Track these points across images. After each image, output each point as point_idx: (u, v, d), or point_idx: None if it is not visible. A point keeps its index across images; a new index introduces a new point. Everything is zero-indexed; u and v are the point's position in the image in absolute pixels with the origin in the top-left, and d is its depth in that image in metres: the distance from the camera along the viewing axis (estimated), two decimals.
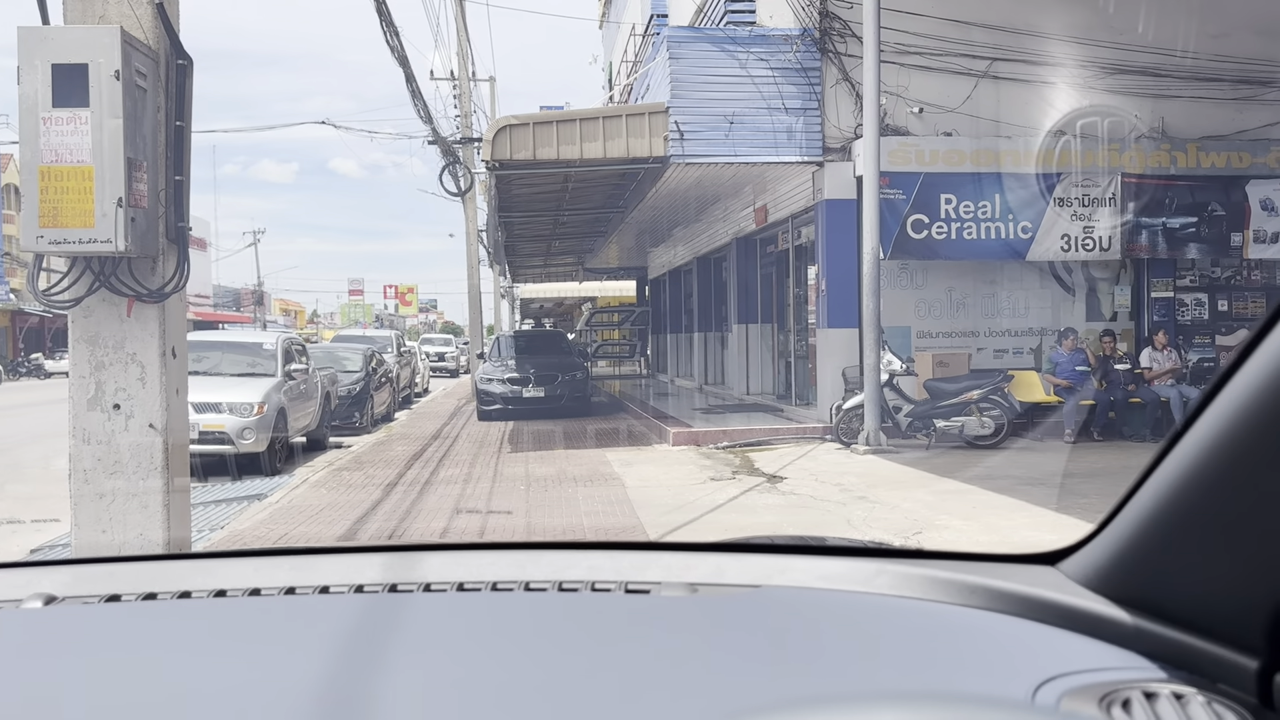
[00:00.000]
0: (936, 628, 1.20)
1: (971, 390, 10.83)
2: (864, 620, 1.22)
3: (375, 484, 9.54)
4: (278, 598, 1.30)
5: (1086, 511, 7.00)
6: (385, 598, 1.29)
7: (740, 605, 1.26)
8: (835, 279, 12.07)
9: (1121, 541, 1.08)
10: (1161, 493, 1.00)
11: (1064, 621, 1.14)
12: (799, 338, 14.55)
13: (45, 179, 4.14)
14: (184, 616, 1.26)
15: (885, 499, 7.94)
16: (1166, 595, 1.04)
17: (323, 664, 1.08)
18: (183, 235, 4.57)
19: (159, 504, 4.25)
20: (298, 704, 0.98)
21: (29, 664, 1.11)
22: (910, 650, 1.13)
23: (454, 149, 21.01)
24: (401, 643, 1.14)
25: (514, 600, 1.28)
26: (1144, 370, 11.71)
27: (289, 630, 1.21)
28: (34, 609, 1.27)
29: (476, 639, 1.16)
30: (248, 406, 10.67)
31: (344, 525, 7.58)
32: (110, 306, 4.34)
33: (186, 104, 4.61)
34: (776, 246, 15.44)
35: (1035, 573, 1.26)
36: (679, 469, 10.01)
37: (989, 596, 1.24)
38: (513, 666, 1.07)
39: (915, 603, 1.27)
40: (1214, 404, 0.92)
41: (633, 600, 1.27)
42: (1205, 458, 0.93)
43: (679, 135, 11.72)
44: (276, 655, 1.12)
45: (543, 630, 1.19)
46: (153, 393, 4.30)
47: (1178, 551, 1.00)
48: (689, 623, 1.20)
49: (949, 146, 11.91)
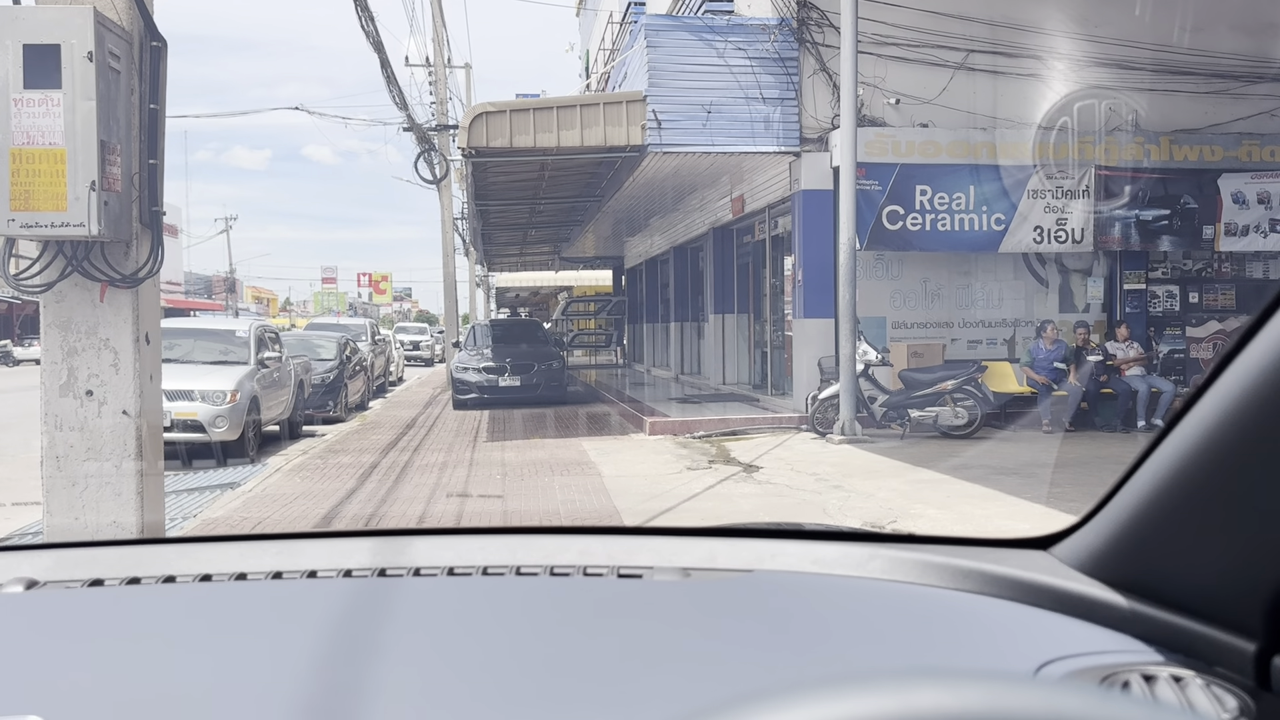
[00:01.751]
0: (931, 612, 1.20)
1: (946, 381, 10.91)
2: (858, 604, 1.22)
3: (350, 472, 9.49)
4: (264, 582, 1.29)
5: (1060, 501, 7.07)
6: (374, 582, 1.28)
7: (733, 590, 1.26)
8: (811, 269, 12.10)
9: (1117, 525, 1.08)
10: (1159, 476, 1.00)
11: (1059, 605, 1.14)
12: (775, 328, 14.59)
13: (16, 161, 4.08)
14: (168, 600, 1.25)
15: (860, 488, 7.99)
16: (1162, 579, 1.04)
17: (312, 647, 1.07)
18: (156, 220, 4.52)
19: (133, 490, 4.21)
20: (287, 687, 0.98)
21: (10, 647, 1.10)
22: (905, 634, 1.13)
23: (429, 136, 20.89)
24: (392, 626, 1.13)
25: (505, 585, 1.27)
26: (1113, 359, 11.83)
27: (276, 614, 1.20)
28: (14, 593, 1.25)
29: (468, 623, 1.16)
30: (221, 394, 10.58)
31: (319, 513, 7.54)
32: (83, 292, 4.29)
33: (161, 87, 4.55)
34: (753, 236, 15.46)
35: (1029, 557, 1.26)
36: (655, 458, 10.02)
37: (983, 581, 1.24)
38: (505, 650, 1.07)
39: (909, 587, 1.27)
40: (1213, 388, 0.91)
41: (625, 584, 1.27)
42: (1204, 441, 0.92)
43: (656, 124, 11.70)
44: (264, 639, 1.11)
45: (535, 614, 1.18)
46: (126, 379, 4.25)
47: (1174, 535, 1.00)
48: (682, 607, 1.20)
49: (925, 138, 11.95)
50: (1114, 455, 9.32)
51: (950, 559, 1.29)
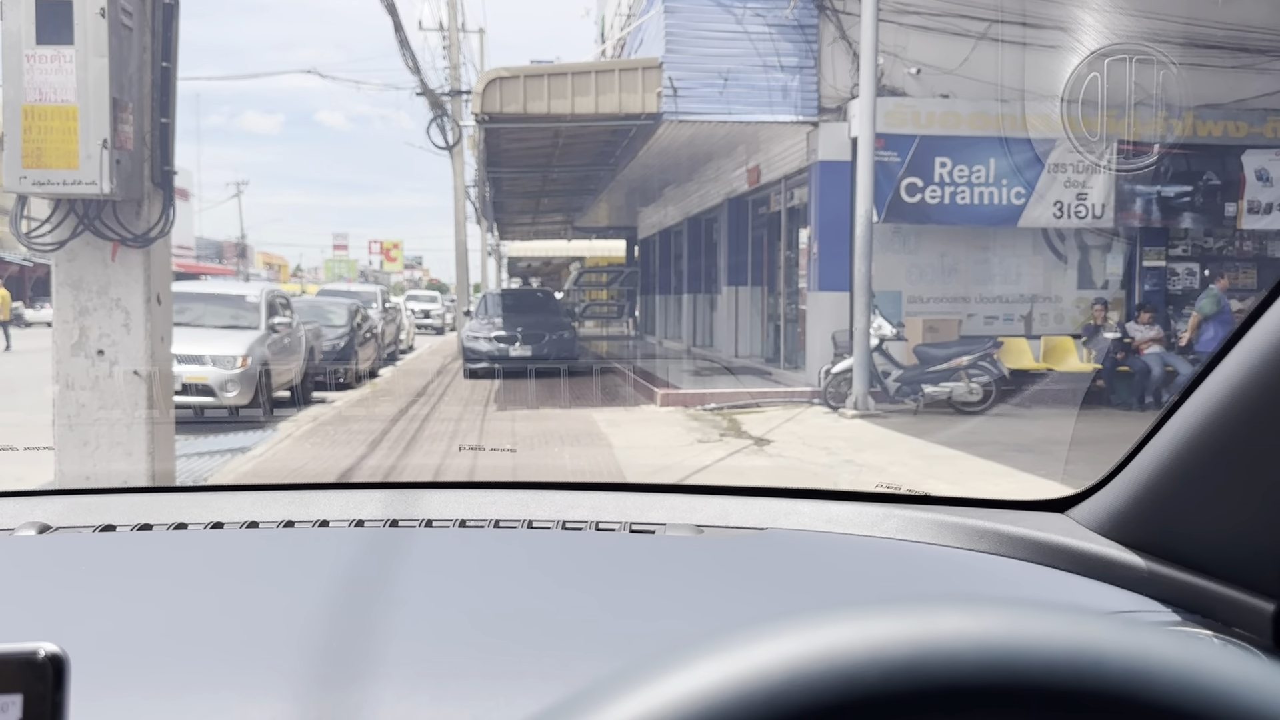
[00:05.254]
0: (947, 571, 1.19)
1: (961, 356, 10.82)
2: (872, 563, 1.22)
3: (360, 439, 9.48)
4: (276, 530, 1.29)
5: (1074, 479, 6.99)
6: (386, 532, 1.28)
7: (746, 546, 1.26)
8: (827, 242, 12.00)
9: (1136, 487, 1.09)
10: (1179, 438, 0.99)
11: (1076, 566, 1.14)
12: (789, 301, 14.50)
13: (29, 118, 4.03)
14: (180, 547, 1.25)
15: (872, 462, 7.94)
16: (1181, 540, 1.04)
17: (323, 594, 1.07)
18: (168, 179, 4.47)
19: (143, 451, 4.19)
20: (300, 630, 0.97)
21: (25, 587, 1.10)
22: (921, 593, 1.11)
23: (442, 102, 20.74)
24: (403, 576, 1.13)
25: (517, 537, 1.27)
26: (1130, 340, 11.74)
27: (288, 561, 1.20)
28: (28, 536, 1.26)
29: (480, 573, 1.16)
30: (231, 359, 10.57)
31: (329, 479, 7.53)
32: (94, 251, 4.26)
33: (173, 45, 4.50)
34: (768, 208, 15.34)
35: (1045, 519, 1.26)
36: (666, 430, 9.99)
37: (999, 541, 1.23)
38: (517, 600, 1.06)
39: (924, 547, 1.26)
40: (1235, 350, 0.91)
41: (638, 540, 1.27)
42: (1225, 403, 0.92)
43: (673, 91, 11.56)
44: (276, 585, 1.11)
45: (547, 567, 1.18)
46: (137, 339, 4.22)
47: (1193, 496, 1.01)
48: (695, 562, 1.20)
49: (945, 109, 11.80)
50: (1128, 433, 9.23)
51: (966, 519, 1.29)
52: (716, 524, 1.33)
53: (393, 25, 17.03)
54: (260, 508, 1.38)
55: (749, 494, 1.47)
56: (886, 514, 1.33)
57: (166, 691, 0.84)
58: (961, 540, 1.26)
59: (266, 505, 1.40)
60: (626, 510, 1.37)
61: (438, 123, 20.31)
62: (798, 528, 1.33)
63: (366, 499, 1.43)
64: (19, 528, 1.28)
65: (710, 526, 1.32)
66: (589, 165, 17.07)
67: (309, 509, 1.36)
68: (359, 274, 77.66)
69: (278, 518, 1.32)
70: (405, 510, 1.36)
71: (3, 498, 1.46)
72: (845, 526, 1.32)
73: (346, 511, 1.35)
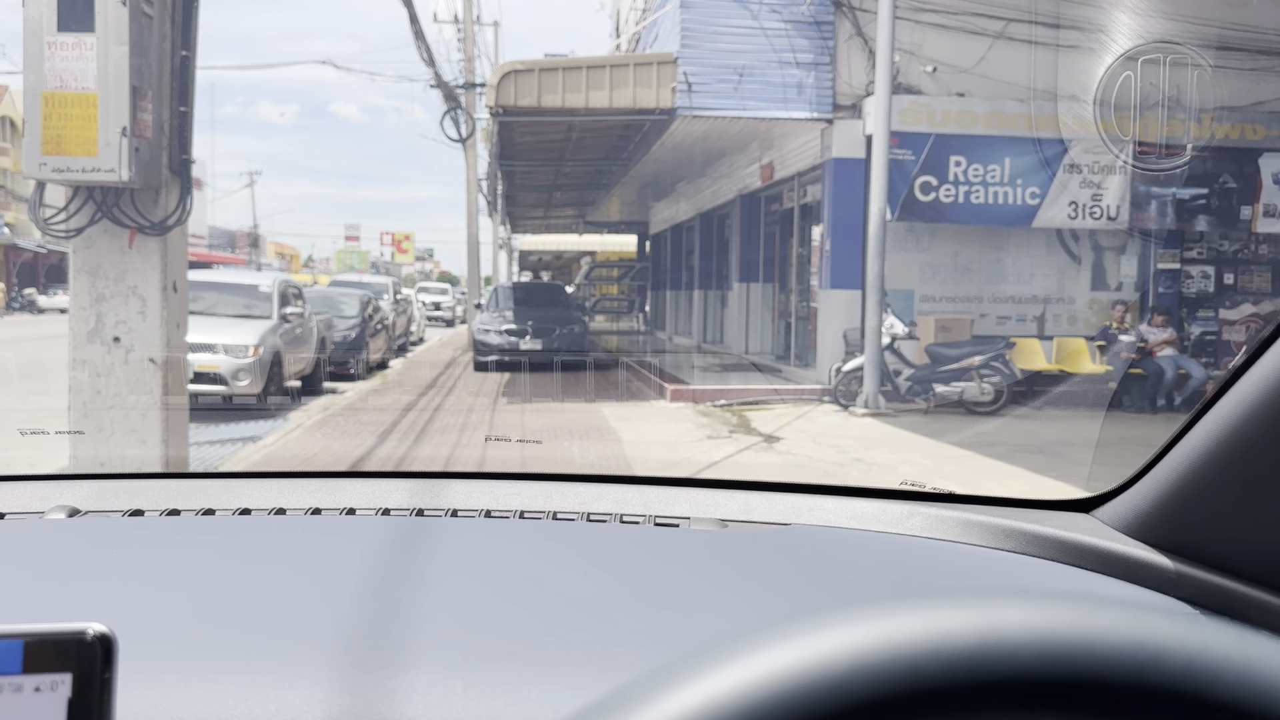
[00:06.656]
0: (972, 569, 1.19)
1: (973, 356, 10.79)
2: (896, 561, 1.22)
3: (370, 429, 9.50)
4: (303, 517, 1.30)
5: (1084, 481, 7.00)
6: (412, 521, 1.29)
7: (771, 541, 1.26)
8: (840, 239, 11.97)
9: (1163, 487, 1.08)
10: (1210, 439, 0.99)
11: (1102, 566, 1.14)
12: (800, 298, 14.47)
13: (49, 105, 4.05)
14: (207, 532, 1.26)
15: (882, 461, 7.93)
16: (1208, 541, 1.03)
17: (350, 580, 1.08)
18: (186, 168, 4.49)
19: (157, 438, 4.21)
20: (328, 615, 0.98)
21: (54, 571, 1.11)
22: (950, 590, 1.11)
23: (456, 94, 20.74)
24: (429, 564, 1.14)
25: (542, 528, 1.28)
26: (1144, 343, 11.69)
27: (315, 548, 1.21)
28: (58, 519, 1.27)
29: (507, 563, 1.16)
30: (243, 348, 10.60)
31: (341, 468, 7.54)
32: (112, 238, 4.27)
33: (192, 34, 4.51)
34: (781, 205, 15.30)
35: (1070, 519, 1.25)
36: (675, 426, 9.98)
37: (1024, 540, 1.23)
38: (545, 590, 1.07)
39: (949, 545, 1.26)
40: (1269, 353, 0.90)
41: (662, 533, 1.27)
42: (1256, 406, 0.91)
43: (687, 87, 11.54)
44: (304, 571, 1.12)
45: (574, 558, 1.19)
46: (153, 326, 4.24)
47: (1223, 498, 1.00)
48: (719, 557, 1.20)
49: (961, 107, 11.76)
50: (1140, 436, 9.22)
51: (991, 518, 1.28)
52: (740, 519, 1.34)
53: (408, 17, 17.02)
54: (287, 495, 1.39)
55: (771, 489, 1.47)
56: (911, 511, 1.34)
57: (203, 675, 0.84)
58: (987, 539, 1.26)
59: (293, 492, 1.41)
60: (650, 503, 1.38)
61: (451, 115, 20.31)
62: (822, 524, 1.33)
63: (392, 488, 1.44)
64: (49, 511, 1.29)
65: (734, 521, 1.32)
66: (602, 159, 17.05)
67: (335, 497, 1.38)
68: (370, 265, 77.67)
69: (305, 505, 1.33)
70: (431, 499, 1.37)
71: (31, 481, 1.47)
72: (869, 523, 1.33)
73: (373, 500, 1.36)
